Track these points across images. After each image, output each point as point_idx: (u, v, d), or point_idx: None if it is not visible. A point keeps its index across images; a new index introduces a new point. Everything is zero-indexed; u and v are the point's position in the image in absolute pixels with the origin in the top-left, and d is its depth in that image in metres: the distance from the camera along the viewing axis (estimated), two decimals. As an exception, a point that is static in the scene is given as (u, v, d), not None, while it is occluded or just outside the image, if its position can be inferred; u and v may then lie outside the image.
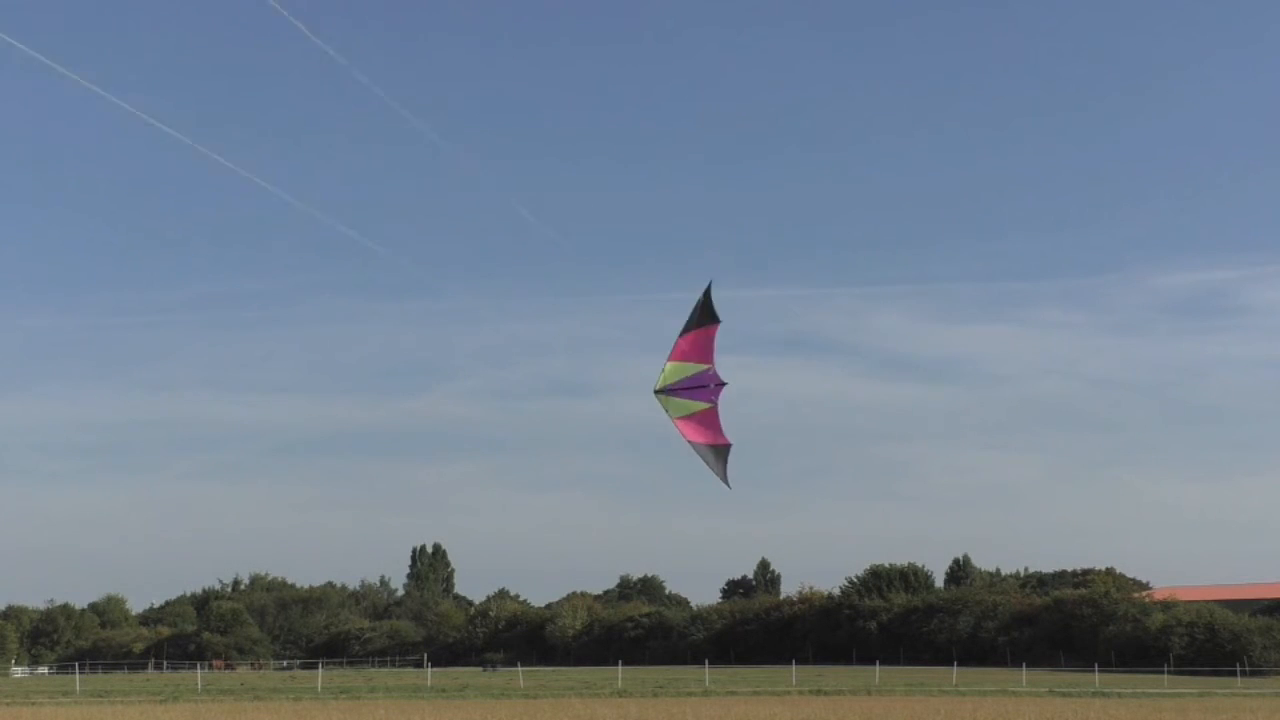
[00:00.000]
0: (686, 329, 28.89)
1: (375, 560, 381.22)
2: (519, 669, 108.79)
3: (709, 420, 28.97)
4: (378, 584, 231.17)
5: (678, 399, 28.91)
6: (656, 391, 28.85)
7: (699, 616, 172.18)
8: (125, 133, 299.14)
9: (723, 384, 29.00)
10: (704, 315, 28.91)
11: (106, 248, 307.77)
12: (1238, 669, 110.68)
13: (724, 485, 29.24)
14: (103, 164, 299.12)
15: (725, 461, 29.16)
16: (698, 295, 28.99)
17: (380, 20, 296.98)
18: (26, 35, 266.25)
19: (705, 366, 28.90)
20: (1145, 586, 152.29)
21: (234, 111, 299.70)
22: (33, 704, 66.34)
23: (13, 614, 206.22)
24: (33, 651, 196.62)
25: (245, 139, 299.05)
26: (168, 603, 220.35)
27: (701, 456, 29.11)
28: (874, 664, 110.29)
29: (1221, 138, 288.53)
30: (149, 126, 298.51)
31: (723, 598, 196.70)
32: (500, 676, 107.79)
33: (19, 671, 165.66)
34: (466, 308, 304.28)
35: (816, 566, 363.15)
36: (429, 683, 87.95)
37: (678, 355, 28.83)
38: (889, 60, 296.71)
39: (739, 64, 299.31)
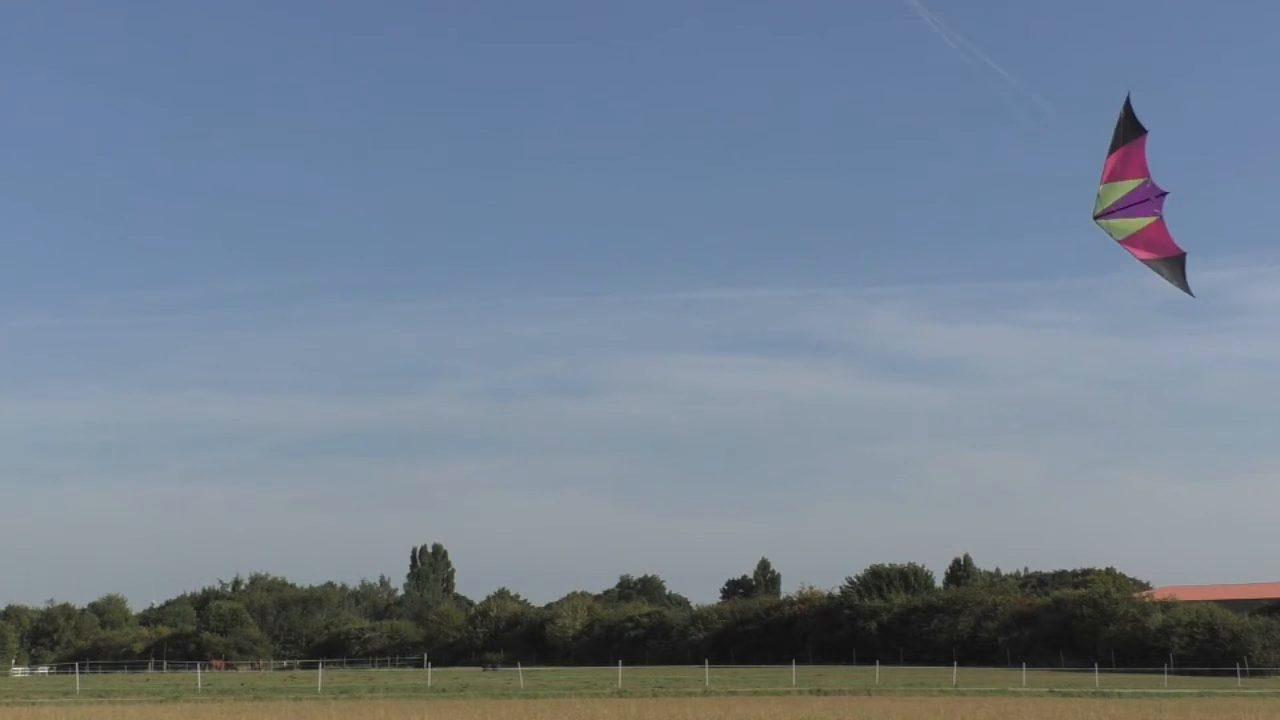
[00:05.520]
0: (1113, 147, 27.31)
1: (375, 560, 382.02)
2: (519, 669, 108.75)
3: (1156, 234, 27.39)
4: (378, 584, 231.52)
5: (1118, 220, 27.36)
6: (1096, 218, 27.34)
7: (699, 616, 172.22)
8: (125, 133, 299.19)
9: (1164, 193, 27.33)
10: (1128, 129, 27.21)
11: (106, 248, 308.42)
12: (1238, 669, 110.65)
13: (1186, 292, 27.81)
14: (103, 164, 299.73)
15: (1183, 271, 27.61)
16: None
17: (376, 20, 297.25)
18: (28, 35, 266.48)
19: (1140, 180, 27.25)
20: (1145, 586, 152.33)
21: (233, 111, 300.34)
22: (33, 704, 66.31)
23: (13, 614, 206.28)
24: (33, 651, 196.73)
25: (245, 138, 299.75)
26: (168, 603, 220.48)
27: (1157, 272, 27.69)
28: (874, 664, 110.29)
29: (1219, 138, 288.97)
30: (149, 126, 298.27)
31: (723, 598, 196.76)
32: (500, 676, 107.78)
33: (19, 671, 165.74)
34: (466, 308, 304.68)
35: (816, 566, 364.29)
36: (429, 683, 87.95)
37: (1108, 176, 27.28)
38: (889, 61, 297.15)
39: (739, 64, 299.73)
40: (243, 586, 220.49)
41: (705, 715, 49.62)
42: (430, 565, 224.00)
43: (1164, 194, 27.36)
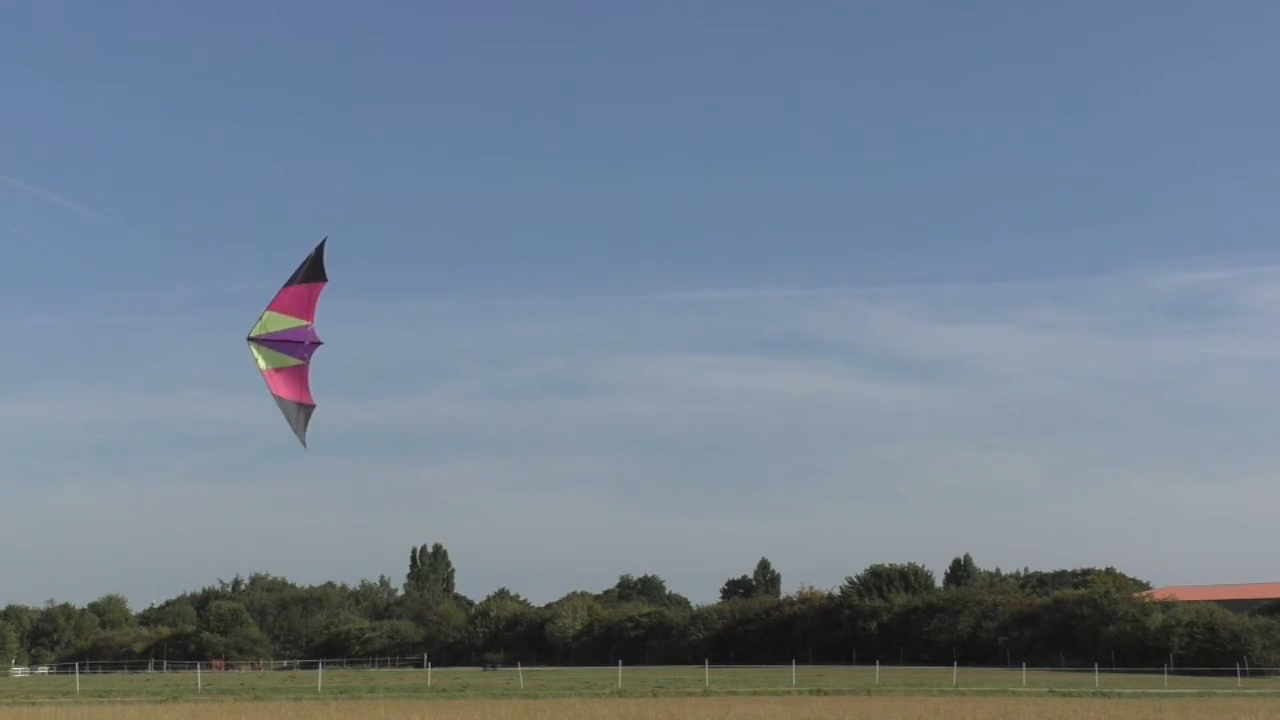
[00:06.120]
0: (291, 281, 27.99)
1: (375, 560, 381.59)
2: (519, 669, 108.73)
3: (298, 377, 28.31)
4: (378, 584, 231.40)
5: (271, 350, 28.08)
6: (250, 339, 27.95)
7: (699, 616, 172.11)
8: (125, 132, 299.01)
9: (318, 343, 28.24)
10: (311, 271, 27.98)
11: (106, 247, 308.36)
12: (1238, 669, 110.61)
13: (300, 442, 28.81)
14: (103, 163, 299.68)
15: (306, 421, 28.69)
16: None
17: (376, 19, 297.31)
18: (27, 35, 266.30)
19: (304, 323, 28.06)
20: (1145, 586, 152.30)
21: (233, 111, 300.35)
22: (33, 704, 66.30)
23: (13, 614, 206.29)
24: (33, 651, 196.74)
25: (245, 138, 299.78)
26: (168, 603, 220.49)
27: (284, 411, 28.58)
28: (874, 664, 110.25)
29: (1218, 138, 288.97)
30: (149, 126, 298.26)
31: (723, 598, 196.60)
32: (500, 676, 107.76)
33: (19, 671, 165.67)
34: (466, 308, 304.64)
35: (816, 566, 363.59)
36: (429, 683, 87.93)
37: (278, 306, 27.95)
38: (887, 63, 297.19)
39: (739, 64, 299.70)
40: (243, 586, 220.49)
41: (705, 715, 49.64)
42: (430, 565, 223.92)
43: (318, 343, 28.28)
